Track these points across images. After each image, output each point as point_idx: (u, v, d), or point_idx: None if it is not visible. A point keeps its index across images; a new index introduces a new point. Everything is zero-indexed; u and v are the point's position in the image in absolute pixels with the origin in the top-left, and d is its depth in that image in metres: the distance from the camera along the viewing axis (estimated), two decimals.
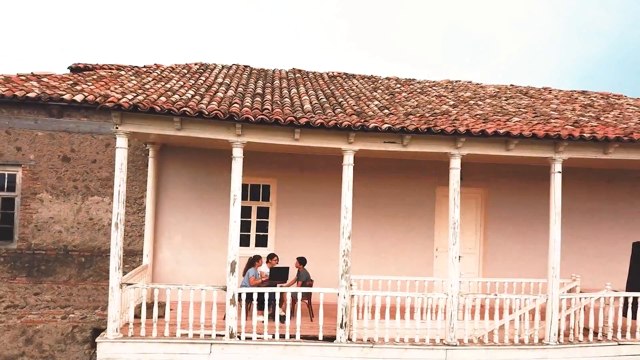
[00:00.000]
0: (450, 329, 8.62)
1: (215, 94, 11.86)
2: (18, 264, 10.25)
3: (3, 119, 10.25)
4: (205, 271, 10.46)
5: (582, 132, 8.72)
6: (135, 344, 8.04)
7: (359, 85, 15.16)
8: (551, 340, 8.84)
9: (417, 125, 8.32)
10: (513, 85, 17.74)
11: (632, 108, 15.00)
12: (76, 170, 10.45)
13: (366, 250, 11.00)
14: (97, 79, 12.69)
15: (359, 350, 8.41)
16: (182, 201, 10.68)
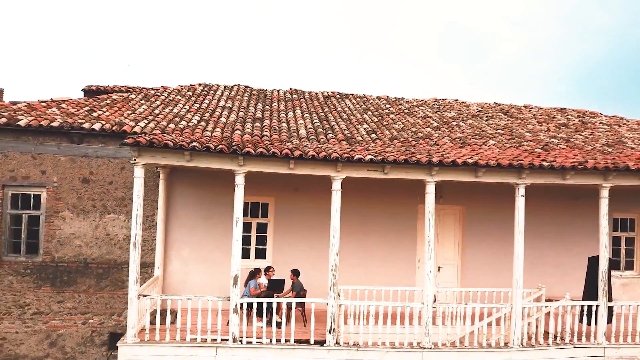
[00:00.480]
0: (425, 334, 9.86)
1: (218, 119, 13.16)
2: (43, 275, 11.49)
3: (29, 145, 11.48)
4: (210, 281, 11.69)
5: (542, 162, 9.94)
6: (151, 347, 9.28)
7: (350, 106, 16.39)
8: (515, 344, 10.08)
9: (396, 156, 9.54)
10: (496, 103, 18.96)
11: (603, 127, 16.24)
12: (94, 191, 11.68)
13: (355, 262, 12.23)
14: (111, 104, 13.92)
15: (345, 352, 9.65)
16: (189, 218, 11.92)
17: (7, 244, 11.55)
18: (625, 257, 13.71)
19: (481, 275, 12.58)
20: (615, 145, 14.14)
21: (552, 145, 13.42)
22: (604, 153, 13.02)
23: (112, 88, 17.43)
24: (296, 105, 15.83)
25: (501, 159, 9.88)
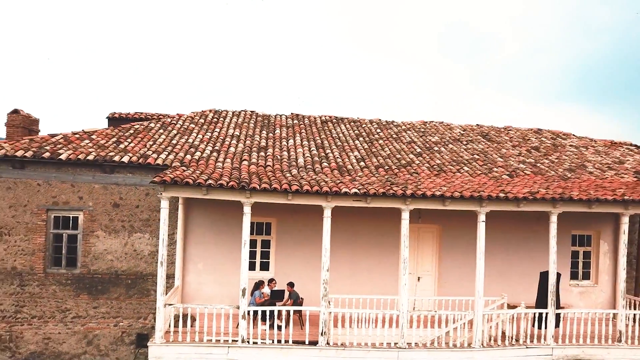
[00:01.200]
0: (401, 336, 11.93)
1: (228, 149, 15.29)
2: (81, 285, 13.65)
3: (68, 175, 13.62)
4: (221, 290, 13.79)
5: (498, 193, 11.95)
6: (174, 347, 11.42)
7: (345, 131, 18.45)
8: (477, 344, 12.14)
9: (376, 190, 11.58)
10: (479, 125, 20.93)
11: (571, 150, 18.25)
12: (123, 214, 13.81)
13: (346, 273, 14.30)
14: (134, 134, 16.03)
15: (334, 351, 11.74)
16: (203, 237, 14.03)
17: (51, 258, 13.71)
18: (583, 268, 15.70)
19: (455, 285, 14.58)
20: (576, 169, 16.16)
21: (519, 171, 15.46)
22: (564, 179, 15.08)
23: (133, 115, 19.55)
24: (296, 131, 17.90)
25: (464, 192, 11.90)
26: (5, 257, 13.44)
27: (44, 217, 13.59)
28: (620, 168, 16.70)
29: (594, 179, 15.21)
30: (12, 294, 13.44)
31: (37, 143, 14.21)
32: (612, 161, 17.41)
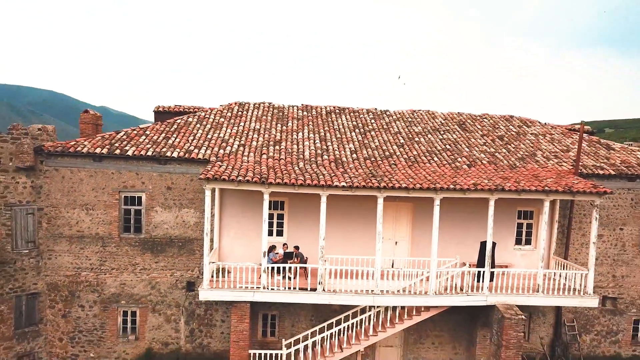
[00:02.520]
0: (376, 286, 16.92)
1: (251, 143, 19.94)
2: (145, 246, 18.85)
3: (133, 166, 18.52)
4: (248, 251, 18.81)
5: (449, 185, 16.50)
6: (216, 291, 16.62)
7: (344, 123, 22.92)
8: (431, 293, 17.08)
9: (359, 183, 16.25)
10: (459, 113, 25.12)
11: (529, 139, 22.45)
12: (174, 194, 18.78)
13: (340, 240, 19.11)
14: (177, 129, 20.73)
15: (328, 296, 16.82)
16: (234, 212, 18.98)
17: (123, 227, 18.86)
18: (526, 236, 20.32)
19: (423, 248, 19.33)
20: (526, 158, 20.55)
21: (478, 161, 19.92)
22: (512, 167, 19.55)
23: (173, 109, 24.21)
24: (305, 124, 22.42)
25: (423, 184, 16.51)
26: (91, 225, 18.63)
27: (117, 197, 18.64)
28: (564, 156, 21.01)
29: (535, 168, 19.64)
30: (97, 252, 18.72)
31: (107, 140, 19.09)
32: (560, 149, 21.68)
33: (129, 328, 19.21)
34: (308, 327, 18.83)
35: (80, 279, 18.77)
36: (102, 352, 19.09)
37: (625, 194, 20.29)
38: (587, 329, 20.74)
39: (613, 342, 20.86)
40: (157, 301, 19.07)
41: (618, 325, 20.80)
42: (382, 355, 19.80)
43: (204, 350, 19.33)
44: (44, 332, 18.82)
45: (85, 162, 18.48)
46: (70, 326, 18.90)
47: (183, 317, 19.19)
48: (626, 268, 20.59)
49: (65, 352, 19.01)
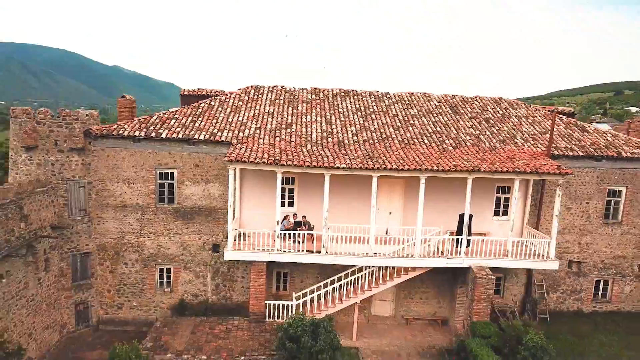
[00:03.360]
0: (370, 249, 20.51)
1: (266, 126, 23.23)
2: (177, 214, 22.53)
3: (167, 147, 21.98)
4: (264, 219, 22.37)
5: (433, 166, 19.77)
6: (238, 252, 20.36)
7: (348, 106, 26.00)
8: (416, 256, 20.66)
9: (357, 165, 19.58)
10: (452, 96, 28.01)
11: (513, 121, 25.43)
12: (201, 171, 22.29)
13: (342, 210, 22.56)
14: (202, 112, 24.03)
15: (331, 257, 20.49)
16: (253, 186, 22.49)
17: (158, 198, 22.49)
18: (503, 208, 23.61)
19: (413, 218, 22.72)
20: (506, 140, 23.62)
21: (463, 143, 23.05)
22: (492, 149, 22.67)
23: (197, 92, 27.43)
24: (313, 107, 25.56)
25: (410, 165, 19.79)
26: (132, 197, 22.30)
27: (153, 173, 22.21)
28: (542, 138, 24.03)
29: (513, 150, 22.76)
30: (137, 219, 22.46)
31: (144, 124, 22.50)
32: (539, 131, 24.67)
33: (165, 282, 23.16)
34: (314, 283, 22.55)
35: (123, 241, 22.61)
36: (143, 302, 23.12)
37: (592, 172, 23.40)
38: (554, 288, 24.30)
39: (576, 300, 24.44)
40: (187, 260, 22.91)
41: (581, 285, 24.33)
42: (377, 308, 23.61)
43: (227, 301, 23.27)
44: (95, 284, 22.83)
45: (126, 143, 21.98)
46: (116, 280, 22.89)
47: (209, 274, 23.06)
48: (590, 236, 23.93)
49: (112, 301, 23.06)
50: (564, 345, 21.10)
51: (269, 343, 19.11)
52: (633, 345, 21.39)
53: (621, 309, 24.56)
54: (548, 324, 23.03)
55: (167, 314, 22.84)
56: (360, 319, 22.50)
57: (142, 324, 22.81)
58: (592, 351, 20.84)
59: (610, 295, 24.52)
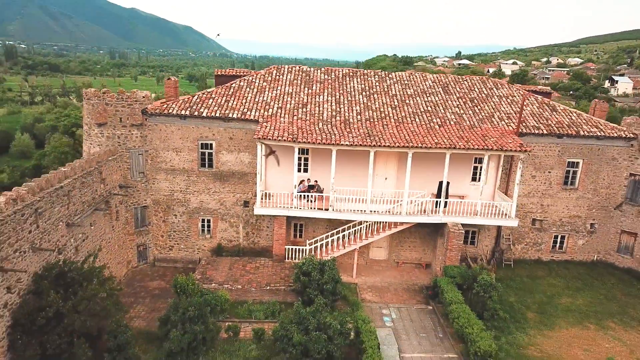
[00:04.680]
0: (367, 208, 26.53)
1: (286, 106, 28.87)
2: (215, 176, 28.68)
3: (207, 123, 27.86)
4: (284, 183, 28.38)
5: (418, 144, 25.32)
6: (264, 208, 26.62)
7: (355, 86, 31.31)
8: (403, 213, 26.65)
9: (357, 142, 25.24)
10: (446, 76, 33.03)
11: (494, 100, 30.57)
12: (234, 142, 28.21)
13: (347, 177, 28.42)
14: (233, 93, 29.67)
15: (336, 214, 26.64)
16: (275, 160, 28.40)
17: (200, 163, 28.58)
18: (479, 176, 29.18)
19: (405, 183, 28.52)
20: (484, 119, 28.91)
21: (448, 122, 28.43)
22: (472, 128, 28.06)
23: (228, 73, 32.90)
24: (325, 87, 30.92)
25: (399, 142, 25.37)
26: (179, 162, 28.44)
27: (196, 144, 28.20)
28: (516, 117, 29.20)
29: (488, 128, 28.08)
30: (184, 180, 28.69)
31: (187, 103, 28.28)
32: (515, 110, 29.82)
33: (206, 230, 29.64)
34: (323, 232, 28.74)
35: (173, 198, 28.97)
36: (188, 245, 29.72)
37: (554, 147, 28.70)
38: (520, 240, 30.21)
39: (537, 250, 30.38)
40: (224, 213, 29.26)
41: (542, 239, 30.18)
42: (374, 253, 29.90)
43: (255, 245, 29.73)
44: (151, 231, 29.41)
45: (174, 119, 27.87)
46: (168, 228, 29.43)
47: (241, 224, 29.44)
48: (551, 199, 29.53)
49: (164, 244, 29.71)
50: (519, 285, 27.28)
51: (287, 277, 25.58)
52: (572, 285, 27.44)
53: (574, 258, 30.47)
54: (512, 269, 29.13)
55: (207, 255, 29.48)
56: (360, 261, 28.84)
57: (188, 262, 29.52)
58: (540, 289, 26.94)
59: (566, 247, 30.36)
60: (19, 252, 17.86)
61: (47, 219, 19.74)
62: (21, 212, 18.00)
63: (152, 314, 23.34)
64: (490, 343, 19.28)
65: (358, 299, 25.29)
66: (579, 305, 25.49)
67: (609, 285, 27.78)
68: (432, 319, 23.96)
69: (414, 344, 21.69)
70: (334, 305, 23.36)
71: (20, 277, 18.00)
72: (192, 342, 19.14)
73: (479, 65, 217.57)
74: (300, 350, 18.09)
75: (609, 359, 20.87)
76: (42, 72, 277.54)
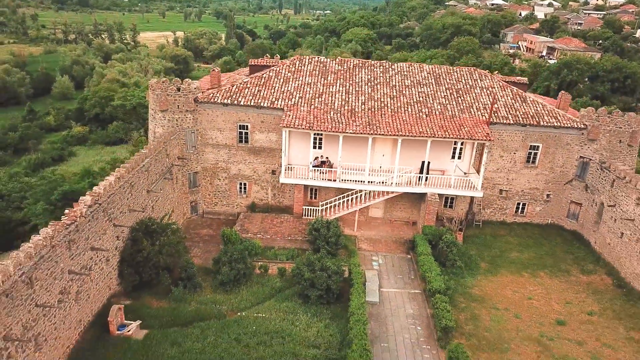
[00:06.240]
0: (366, 179, 35.47)
1: (305, 95, 37.51)
2: (249, 150, 37.81)
3: (243, 110, 36.63)
4: (302, 158, 37.29)
5: (406, 133, 33.72)
6: (287, 178, 35.96)
7: (362, 76, 39.42)
8: (393, 184, 35.53)
9: (358, 131, 33.77)
10: (439, 66, 40.70)
11: (476, 92, 38.45)
12: (265, 125, 37.03)
13: (352, 154, 37.11)
14: (264, 82, 38.16)
15: (342, 184, 35.73)
16: (296, 138, 37.16)
17: (238, 140, 37.62)
18: (458, 154, 37.49)
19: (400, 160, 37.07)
20: (464, 110, 36.93)
21: (434, 111, 36.55)
22: (452, 117, 36.22)
23: (260, 62, 41.09)
24: (338, 77, 39.01)
25: (390, 131, 33.81)
26: (222, 139, 37.54)
27: (235, 125, 37.13)
28: (492, 108, 37.06)
29: (465, 118, 36.14)
30: (226, 153, 37.88)
31: (228, 92, 36.96)
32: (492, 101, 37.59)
33: (242, 191, 39.10)
34: (333, 196, 37.84)
35: (217, 166, 38.29)
36: (229, 202, 39.34)
37: (519, 133, 36.68)
38: (489, 206, 38.89)
39: (503, 214, 39.09)
40: (256, 178, 38.55)
41: (506, 205, 38.80)
42: (372, 212, 39.09)
43: (280, 204, 39.15)
44: (201, 191, 39.02)
45: (218, 106, 36.69)
46: (213, 189, 38.97)
47: (269, 187, 38.77)
48: (515, 175, 37.86)
49: (210, 201, 39.39)
50: (482, 241, 36.28)
51: (304, 231, 35.02)
52: (524, 243, 36.33)
53: (532, 221, 39.14)
54: (480, 228, 38.03)
55: (243, 210, 39.13)
56: (361, 218, 38.10)
57: (229, 215, 39.27)
58: (497, 245, 35.91)
59: (526, 212, 38.97)
60: (122, 212, 27.59)
61: (136, 189, 29.36)
62: (123, 185, 27.61)
63: (206, 254, 33.23)
64: (441, 283, 28.53)
65: (356, 247, 34.70)
66: (523, 259, 34.44)
67: (553, 243, 36.53)
68: (409, 265, 33.33)
69: (392, 282, 31.19)
70: (336, 252, 32.80)
71: (123, 230, 27.85)
72: (236, 276, 29.00)
73: (511, 6, 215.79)
74: (309, 283, 27.71)
75: (529, 297, 30.01)
76: (72, 7, 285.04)
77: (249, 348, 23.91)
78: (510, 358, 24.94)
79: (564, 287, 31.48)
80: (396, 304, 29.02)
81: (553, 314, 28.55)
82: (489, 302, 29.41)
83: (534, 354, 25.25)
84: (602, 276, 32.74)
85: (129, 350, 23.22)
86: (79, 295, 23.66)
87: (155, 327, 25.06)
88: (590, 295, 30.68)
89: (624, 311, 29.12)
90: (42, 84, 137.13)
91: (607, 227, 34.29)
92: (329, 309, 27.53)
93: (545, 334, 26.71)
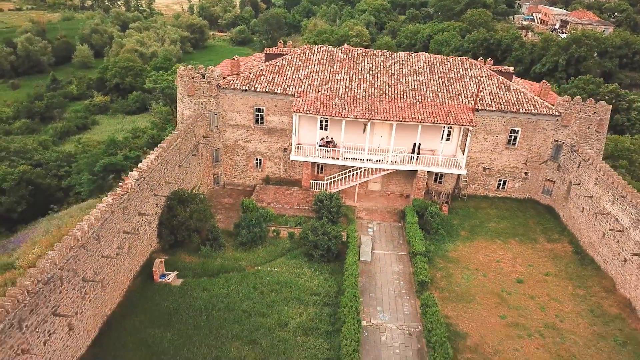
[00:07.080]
0: (365, 157, 41.73)
1: (313, 83, 43.66)
2: (265, 131, 44.15)
3: (259, 95, 42.77)
4: (310, 138, 43.50)
5: (400, 119, 39.72)
6: (297, 156, 42.52)
7: (365, 65, 45.31)
8: (388, 162, 41.78)
9: (359, 116, 39.82)
10: (434, 56, 46.31)
11: (465, 80, 44.27)
12: (278, 108, 43.17)
13: (355, 135, 43.21)
14: (277, 70, 44.18)
15: (344, 161, 42.11)
16: (305, 121, 43.34)
17: (256, 121, 43.90)
18: (447, 135, 43.41)
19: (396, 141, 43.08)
20: (453, 97, 42.75)
21: (426, 99, 42.42)
22: (442, 104, 42.13)
23: (275, 51, 46.90)
24: (343, 66, 44.80)
25: (386, 116, 39.83)
26: (241, 120, 43.86)
27: (252, 108, 43.34)
28: (479, 96, 42.78)
29: (453, 105, 41.96)
30: (244, 132, 44.26)
31: (246, 79, 43.06)
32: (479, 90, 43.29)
33: (258, 165, 45.60)
34: (337, 172, 44.13)
35: (237, 144, 44.74)
36: (247, 175, 45.93)
37: (501, 119, 42.48)
38: (473, 182, 45.04)
39: (486, 189, 45.25)
40: (270, 155, 44.98)
41: (489, 182, 44.90)
42: (371, 186, 45.46)
43: (290, 178, 45.63)
44: (221, 166, 45.58)
45: (237, 92, 42.88)
46: (233, 163, 45.52)
47: (282, 163, 45.21)
48: (497, 155, 43.83)
49: (231, 174, 46.00)
50: (465, 213, 42.59)
51: (310, 201, 41.55)
52: (502, 214, 42.60)
53: (511, 196, 45.27)
54: (465, 201, 44.28)
55: (259, 182, 45.73)
56: (361, 191, 44.51)
57: (246, 186, 45.94)
58: (477, 216, 42.21)
59: (506, 188, 45.04)
60: (160, 184, 34.33)
61: (170, 165, 35.99)
62: (160, 163, 34.23)
63: (227, 220, 40.00)
64: (422, 247, 35.02)
65: (355, 217, 41.20)
66: (499, 228, 40.73)
67: (527, 215, 42.72)
68: (399, 232, 39.84)
69: (383, 245, 37.77)
70: (337, 220, 39.30)
71: (161, 199, 34.63)
72: (253, 238, 35.81)
73: None
74: (313, 245, 34.40)
75: (497, 260, 36.45)
76: None
77: (263, 294, 30.83)
78: (473, 307, 31.56)
79: (530, 252, 37.83)
80: (385, 263, 35.67)
81: (515, 274, 35.03)
82: (462, 263, 35.92)
83: (493, 304, 31.84)
84: (564, 244, 38.98)
85: (170, 293, 30.25)
86: (130, 250, 30.61)
87: (189, 277, 32.07)
88: (550, 259, 37.03)
89: (576, 273, 35.49)
90: (63, 52, 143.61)
91: (573, 202, 40.34)
92: (329, 266, 34.29)
93: (505, 290, 33.23)
